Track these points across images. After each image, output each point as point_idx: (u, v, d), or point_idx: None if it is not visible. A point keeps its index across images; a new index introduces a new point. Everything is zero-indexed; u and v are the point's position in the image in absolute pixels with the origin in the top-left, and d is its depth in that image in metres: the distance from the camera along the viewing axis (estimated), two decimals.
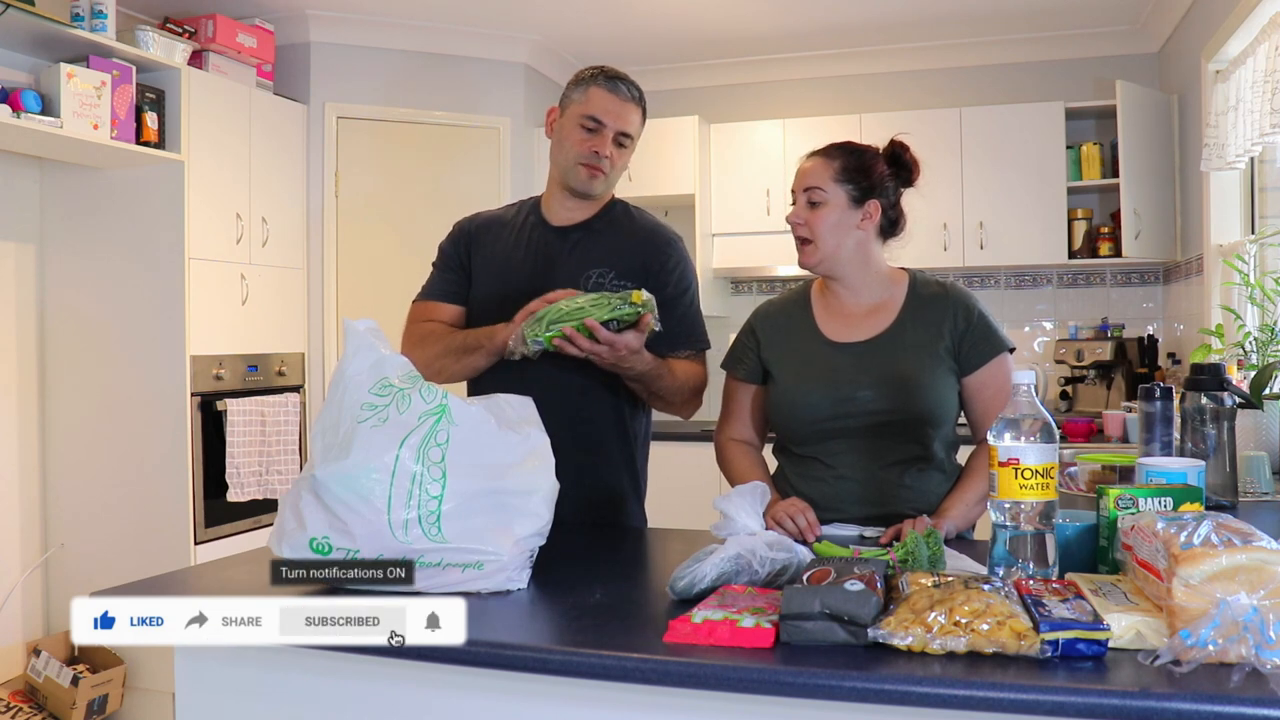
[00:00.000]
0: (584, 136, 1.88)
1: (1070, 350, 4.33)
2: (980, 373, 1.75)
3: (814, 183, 1.77)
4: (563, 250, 1.93)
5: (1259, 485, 2.00)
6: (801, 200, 1.79)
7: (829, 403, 1.75)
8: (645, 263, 1.91)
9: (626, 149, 1.92)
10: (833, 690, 0.98)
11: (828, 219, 1.76)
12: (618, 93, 1.88)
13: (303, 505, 1.29)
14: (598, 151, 1.87)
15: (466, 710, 1.20)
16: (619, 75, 1.91)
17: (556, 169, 1.94)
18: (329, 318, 4.24)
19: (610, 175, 1.91)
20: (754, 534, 1.36)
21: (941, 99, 4.65)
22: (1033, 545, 1.20)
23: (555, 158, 1.95)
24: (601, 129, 1.87)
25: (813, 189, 1.77)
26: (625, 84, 1.90)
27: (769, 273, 4.75)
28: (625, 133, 1.89)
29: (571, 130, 1.89)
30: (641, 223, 1.99)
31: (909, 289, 1.81)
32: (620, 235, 1.95)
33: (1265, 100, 2.89)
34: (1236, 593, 0.96)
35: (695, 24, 4.42)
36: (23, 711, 3.35)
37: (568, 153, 1.90)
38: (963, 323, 1.76)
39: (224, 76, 3.77)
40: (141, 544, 3.50)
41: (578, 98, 1.90)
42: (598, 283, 1.86)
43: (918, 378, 1.73)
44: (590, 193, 1.92)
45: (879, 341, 1.77)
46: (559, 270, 1.89)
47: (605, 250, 1.92)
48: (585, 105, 1.88)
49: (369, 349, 1.36)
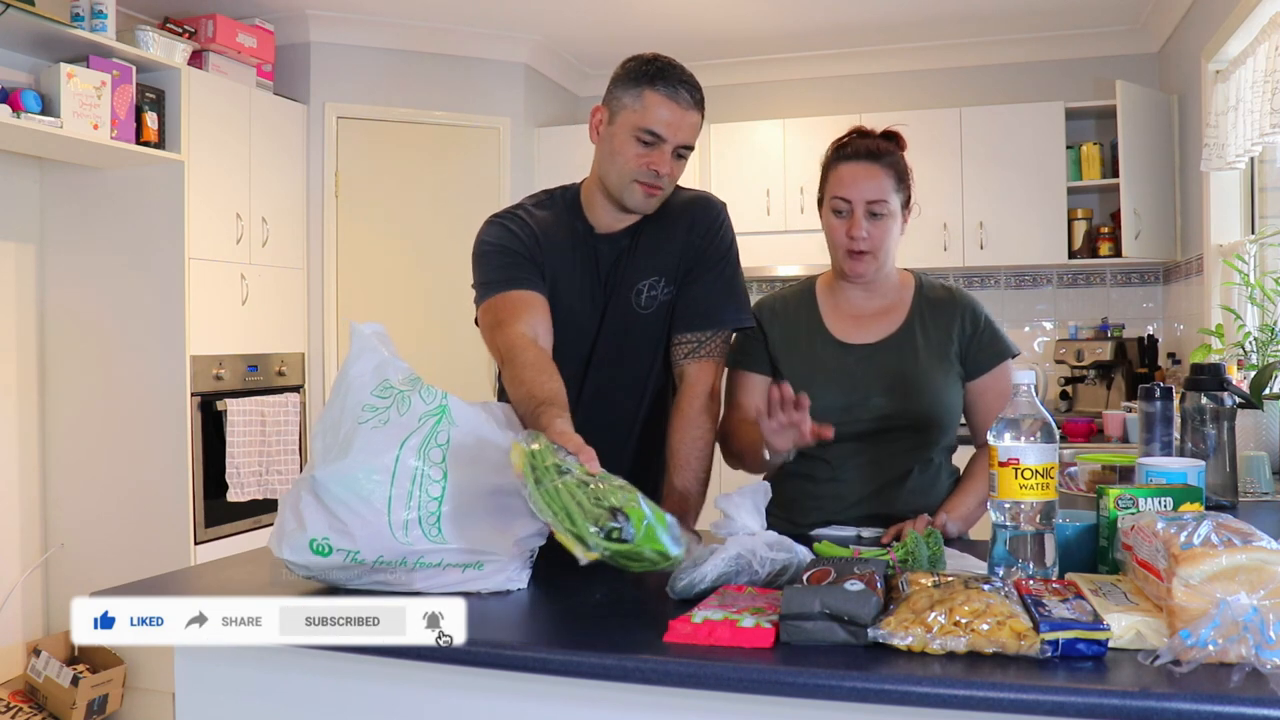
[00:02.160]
0: (641, 151, 1.63)
1: (1070, 350, 4.33)
2: (985, 377, 1.75)
3: (879, 196, 1.67)
4: (613, 262, 1.73)
5: (1259, 485, 2.00)
6: (862, 211, 1.68)
7: (839, 406, 1.72)
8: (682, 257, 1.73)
9: (684, 161, 1.69)
10: (833, 690, 0.98)
11: (892, 232, 1.70)
12: (679, 100, 1.63)
13: (303, 506, 1.29)
14: (657, 169, 1.63)
15: (466, 710, 1.20)
16: (679, 77, 1.65)
17: (607, 181, 1.69)
18: (329, 318, 4.24)
19: (668, 190, 1.70)
20: (754, 534, 1.36)
21: (941, 99, 4.65)
22: (1033, 545, 1.20)
23: (604, 169, 1.69)
24: (661, 144, 1.63)
25: (878, 202, 1.67)
26: (687, 88, 1.65)
27: (769, 273, 4.74)
28: (687, 145, 1.67)
29: (625, 143, 1.64)
30: (677, 207, 1.76)
31: (916, 291, 1.80)
32: (663, 233, 1.74)
33: (1265, 100, 2.89)
34: (1236, 593, 0.96)
35: (695, 24, 4.42)
36: (23, 711, 3.35)
37: (621, 169, 1.65)
38: (970, 327, 1.76)
39: (224, 76, 3.77)
40: (141, 544, 3.50)
41: (632, 104, 1.63)
42: (650, 296, 1.71)
43: (927, 380, 1.72)
44: (646, 211, 1.71)
45: (889, 343, 1.76)
46: (613, 286, 1.73)
47: (651, 255, 1.73)
48: (642, 115, 1.62)
49: (372, 351, 1.36)
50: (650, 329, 1.74)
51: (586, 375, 1.75)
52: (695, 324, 1.72)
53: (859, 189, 1.68)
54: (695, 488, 1.67)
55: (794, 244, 4.55)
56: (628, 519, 1.14)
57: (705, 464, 1.68)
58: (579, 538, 1.13)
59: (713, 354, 1.73)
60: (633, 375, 1.77)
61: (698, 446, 1.68)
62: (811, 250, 4.63)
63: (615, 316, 1.74)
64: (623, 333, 1.74)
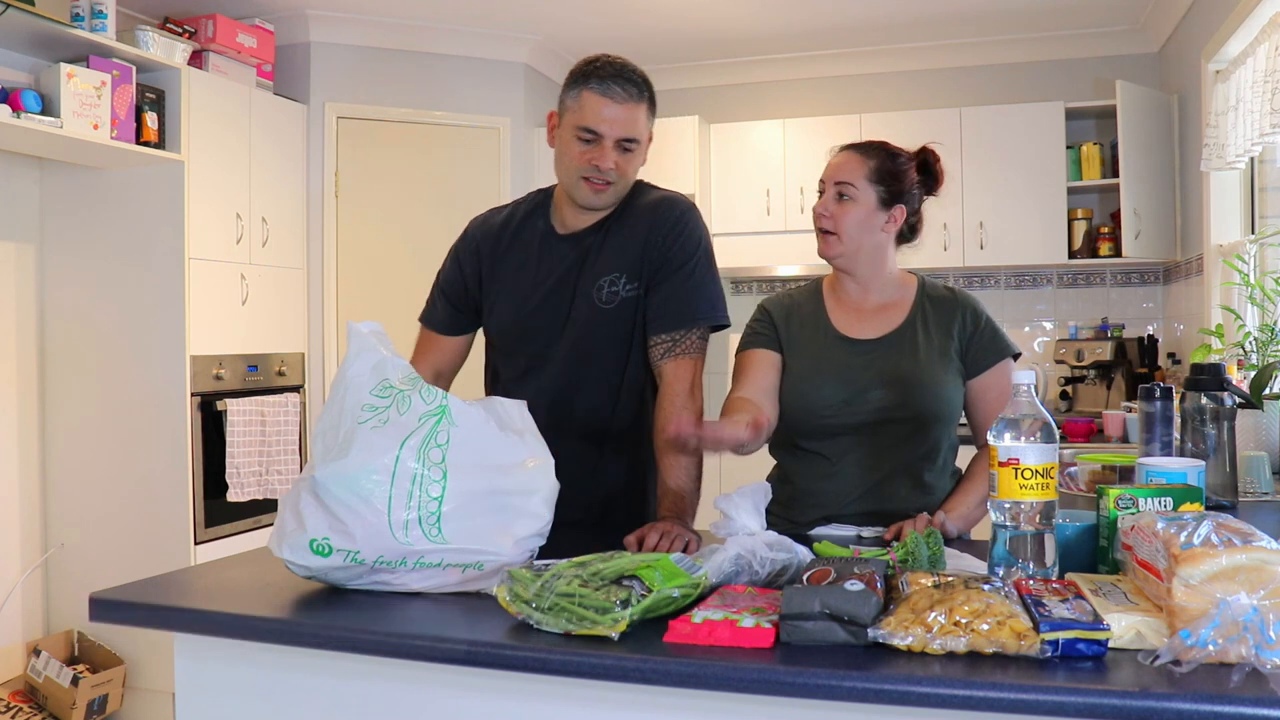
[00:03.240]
0: (583, 149, 1.69)
1: (1070, 350, 4.33)
2: (985, 376, 1.77)
3: (846, 178, 1.74)
4: (575, 261, 1.79)
5: (1259, 485, 2.00)
6: (831, 192, 1.76)
7: (840, 398, 1.75)
8: (645, 253, 1.76)
9: (634, 152, 1.72)
10: (833, 690, 0.98)
11: (855, 215, 1.74)
12: (612, 95, 1.66)
13: (303, 506, 1.29)
14: (598, 165, 1.68)
15: (466, 710, 1.20)
16: (615, 71, 1.68)
17: (561, 182, 1.78)
18: (329, 318, 4.24)
19: (619, 184, 1.73)
20: (754, 534, 1.36)
21: (941, 99, 4.65)
22: (1033, 545, 1.20)
23: (557, 170, 1.77)
24: (600, 140, 1.68)
25: (844, 184, 1.74)
26: (621, 81, 1.67)
27: (769, 273, 4.75)
28: (628, 138, 1.70)
29: (569, 143, 1.70)
30: (643, 207, 1.80)
31: (918, 290, 1.83)
32: (626, 231, 1.78)
33: (1265, 100, 2.90)
34: (1236, 593, 0.96)
35: (695, 24, 4.42)
36: (23, 711, 3.35)
37: (568, 168, 1.72)
38: (971, 325, 1.78)
39: (224, 76, 3.77)
40: (141, 544, 3.50)
41: (572, 105, 1.70)
42: (611, 291, 1.76)
43: (927, 377, 1.74)
44: (598, 206, 1.76)
45: (890, 339, 1.78)
46: (577, 285, 1.78)
47: (615, 253, 1.77)
48: (579, 114, 1.68)
49: (371, 351, 1.36)
50: (614, 325, 1.77)
51: (557, 372, 1.79)
52: (668, 324, 1.74)
53: (833, 171, 1.77)
54: (689, 485, 1.68)
55: (794, 244, 4.55)
56: (634, 578, 1.13)
57: (696, 460, 1.69)
58: (601, 622, 1.09)
59: (689, 351, 1.74)
60: (601, 371, 1.80)
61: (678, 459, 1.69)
62: (811, 250, 4.63)
63: (580, 314, 1.78)
64: (588, 330, 1.78)
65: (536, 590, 1.13)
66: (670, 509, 1.65)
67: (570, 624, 1.10)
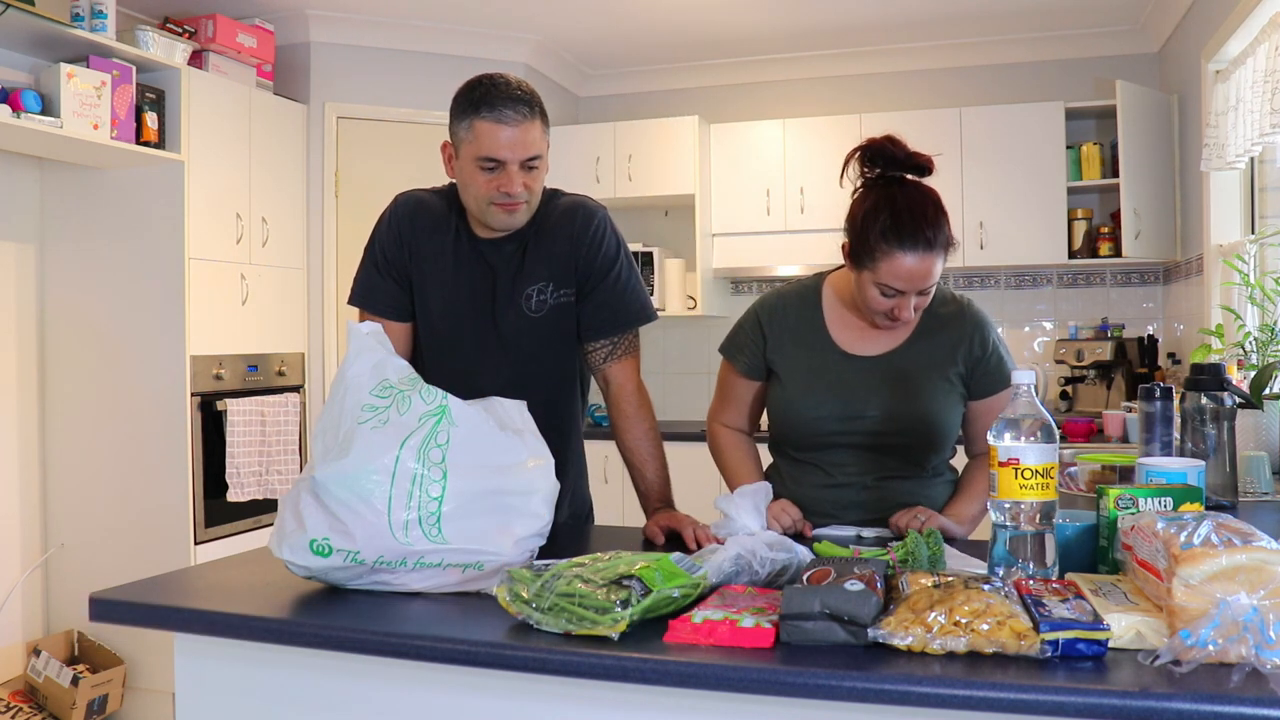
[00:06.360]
0: (488, 178, 1.66)
1: (1070, 350, 4.33)
2: (988, 400, 1.76)
3: (931, 282, 1.65)
4: (500, 264, 1.79)
5: (1259, 485, 2.00)
6: (914, 300, 1.65)
7: (836, 416, 1.74)
8: (574, 261, 1.78)
9: (539, 168, 1.69)
10: (833, 690, 0.98)
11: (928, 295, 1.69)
12: (505, 120, 1.62)
13: (303, 506, 1.29)
14: (508, 191, 1.66)
15: (467, 710, 1.20)
16: (503, 95, 1.64)
17: (470, 210, 1.76)
18: (329, 318, 4.24)
19: (531, 200, 1.72)
20: (754, 534, 1.36)
21: (941, 99, 4.65)
22: (1033, 545, 1.20)
23: (464, 199, 1.74)
24: (503, 166, 1.65)
25: (930, 287, 1.66)
26: (511, 104, 1.63)
27: (769, 272, 4.74)
28: (531, 157, 1.66)
29: (472, 174, 1.67)
30: (558, 215, 1.79)
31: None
32: (547, 239, 1.78)
33: (1265, 100, 2.90)
34: (1236, 593, 0.96)
35: (695, 24, 4.42)
36: (23, 711, 3.35)
37: (476, 197, 1.69)
38: (979, 350, 1.75)
39: (224, 76, 3.77)
40: (141, 544, 3.50)
41: (466, 135, 1.66)
42: (540, 300, 1.77)
43: (927, 398, 1.73)
44: (516, 226, 1.74)
45: (891, 357, 1.76)
46: (499, 287, 1.78)
47: (538, 263, 1.77)
48: (476, 145, 1.65)
49: (370, 351, 1.36)
50: (543, 330, 1.81)
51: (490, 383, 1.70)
52: (604, 330, 1.81)
53: (912, 280, 1.63)
54: (663, 474, 1.81)
55: (794, 244, 4.55)
56: (634, 578, 1.13)
57: (661, 451, 1.82)
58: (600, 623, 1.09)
59: (629, 351, 1.84)
60: (534, 374, 1.81)
61: (649, 439, 1.81)
62: (811, 250, 4.64)
63: (508, 323, 1.80)
64: (518, 340, 1.80)
65: (536, 590, 1.14)
66: (655, 502, 1.78)
67: (570, 624, 1.10)
